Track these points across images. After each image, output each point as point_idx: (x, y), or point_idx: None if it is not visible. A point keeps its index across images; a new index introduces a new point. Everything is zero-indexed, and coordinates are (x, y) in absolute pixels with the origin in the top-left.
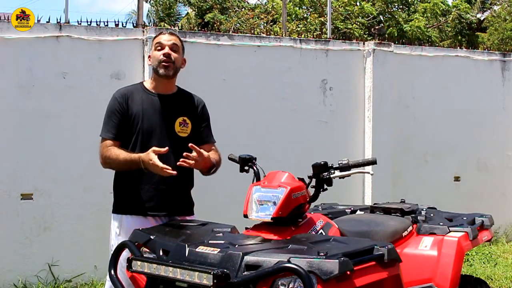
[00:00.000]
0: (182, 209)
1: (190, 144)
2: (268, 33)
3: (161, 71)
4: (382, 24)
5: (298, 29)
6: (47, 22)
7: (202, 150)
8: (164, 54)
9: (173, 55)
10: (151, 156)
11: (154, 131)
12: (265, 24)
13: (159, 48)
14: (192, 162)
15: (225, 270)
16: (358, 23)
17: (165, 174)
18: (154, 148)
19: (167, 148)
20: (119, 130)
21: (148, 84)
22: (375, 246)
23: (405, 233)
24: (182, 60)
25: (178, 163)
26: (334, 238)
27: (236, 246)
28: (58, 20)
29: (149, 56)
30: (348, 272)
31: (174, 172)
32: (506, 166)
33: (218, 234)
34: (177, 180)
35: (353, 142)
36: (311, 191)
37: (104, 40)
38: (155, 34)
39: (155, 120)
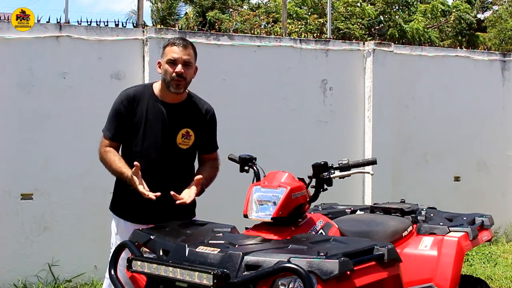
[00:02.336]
0: (182, 217)
1: (172, 193)
2: (268, 33)
3: (172, 89)
4: (382, 24)
5: (297, 29)
6: (47, 22)
7: (184, 194)
8: (177, 73)
9: (186, 72)
10: (135, 180)
11: (155, 141)
12: (265, 25)
13: (172, 63)
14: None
15: (225, 270)
16: (359, 24)
17: (145, 196)
18: (143, 187)
19: (159, 193)
20: (119, 131)
21: (157, 89)
22: (375, 246)
23: (405, 233)
24: (194, 69)
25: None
26: (334, 238)
27: (236, 246)
28: (58, 20)
29: (158, 63)
30: (348, 272)
31: (153, 197)
32: (506, 166)
33: (218, 234)
34: (176, 188)
35: (353, 142)
36: (311, 191)
37: (104, 40)
38: (156, 34)
39: (157, 130)
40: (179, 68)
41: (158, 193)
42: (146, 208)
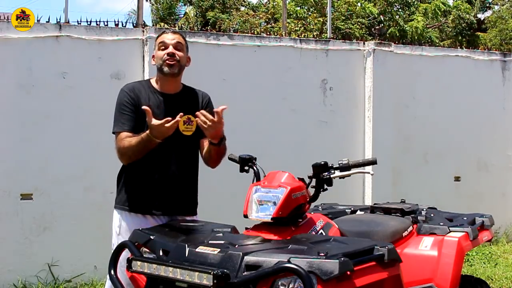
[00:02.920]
0: (184, 209)
1: (220, 108)
2: (268, 33)
3: (166, 69)
4: (382, 24)
5: (297, 28)
6: (47, 22)
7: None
8: (168, 53)
9: (178, 53)
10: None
11: None
12: (265, 24)
13: (163, 47)
14: (208, 122)
15: (225, 270)
16: (359, 23)
17: (166, 126)
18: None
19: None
20: (133, 122)
21: (154, 82)
22: (375, 246)
23: (405, 233)
24: (187, 58)
25: (197, 119)
26: (334, 238)
27: (236, 246)
28: (58, 20)
29: (153, 56)
30: (348, 272)
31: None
32: (506, 166)
33: (218, 234)
34: (180, 179)
35: (353, 142)
36: (311, 191)
37: (104, 40)
38: (156, 34)
39: (159, 119)
40: (170, 49)
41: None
42: (152, 197)
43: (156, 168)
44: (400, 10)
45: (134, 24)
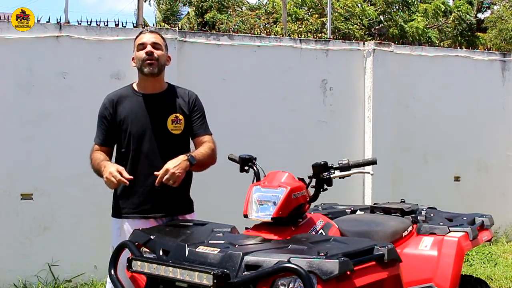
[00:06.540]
0: (181, 209)
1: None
2: (268, 33)
3: (146, 69)
4: (382, 24)
5: (300, 29)
6: (47, 22)
7: (172, 164)
8: (146, 53)
9: (156, 52)
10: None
11: (145, 131)
12: (265, 25)
13: (141, 47)
14: (171, 182)
15: (225, 270)
16: (359, 24)
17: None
18: (118, 167)
19: (131, 177)
20: (107, 136)
21: (137, 84)
22: (375, 246)
23: (405, 233)
24: (167, 57)
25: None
26: (334, 238)
27: (236, 246)
28: (58, 20)
29: (132, 58)
30: (348, 272)
31: (125, 181)
32: (506, 166)
33: (218, 234)
34: None
35: (353, 142)
36: (311, 191)
37: (104, 40)
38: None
39: (145, 121)
40: (148, 48)
41: (130, 177)
42: (145, 201)
43: (147, 171)
44: (399, 10)
45: (134, 24)
